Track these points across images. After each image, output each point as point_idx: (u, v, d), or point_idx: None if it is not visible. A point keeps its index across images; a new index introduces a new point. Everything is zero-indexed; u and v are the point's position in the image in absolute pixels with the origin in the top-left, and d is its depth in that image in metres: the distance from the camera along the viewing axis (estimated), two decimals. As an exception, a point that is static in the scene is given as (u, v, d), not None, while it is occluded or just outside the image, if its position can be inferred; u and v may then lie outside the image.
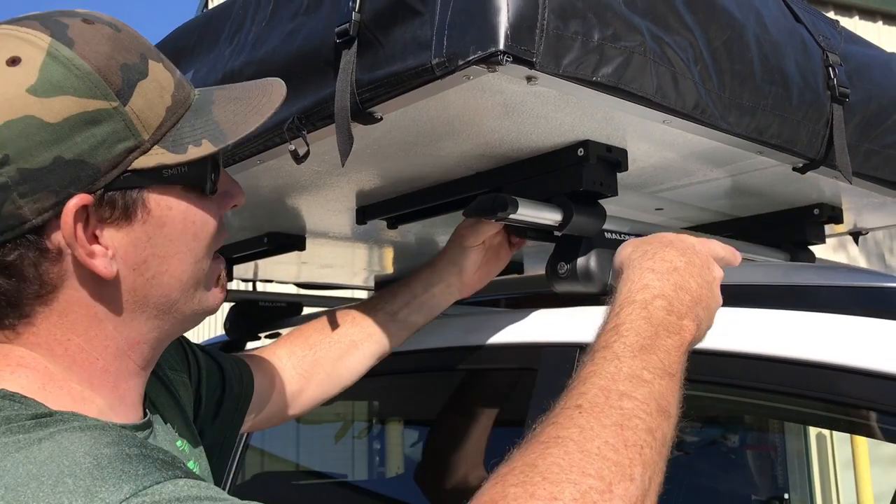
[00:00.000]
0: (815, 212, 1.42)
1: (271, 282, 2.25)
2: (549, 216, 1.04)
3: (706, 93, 0.95)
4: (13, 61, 0.63)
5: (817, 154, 1.12)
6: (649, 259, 0.83)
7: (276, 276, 2.16)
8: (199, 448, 0.88)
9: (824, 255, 1.57)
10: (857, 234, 1.73)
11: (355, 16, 0.86)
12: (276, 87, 0.78)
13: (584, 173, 1.02)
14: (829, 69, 1.14)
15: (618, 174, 1.07)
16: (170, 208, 0.71)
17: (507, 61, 0.76)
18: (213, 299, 0.79)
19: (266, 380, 1.13)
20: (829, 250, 4.87)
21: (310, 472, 2.45)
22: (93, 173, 0.65)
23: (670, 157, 1.12)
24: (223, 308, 1.87)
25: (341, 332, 1.19)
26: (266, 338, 1.89)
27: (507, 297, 1.59)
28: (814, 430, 3.25)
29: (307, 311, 1.90)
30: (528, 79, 0.81)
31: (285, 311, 1.92)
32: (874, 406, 0.81)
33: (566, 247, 1.09)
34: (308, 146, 0.93)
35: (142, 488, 0.54)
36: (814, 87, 1.11)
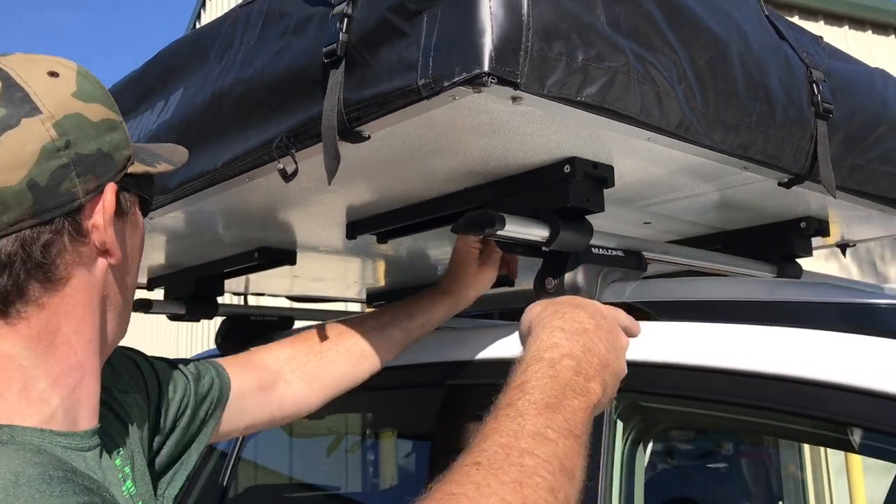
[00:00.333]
0: (802, 225, 1.43)
1: (263, 295, 2.25)
2: (537, 232, 1.04)
3: (690, 111, 0.96)
4: (53, 74, 0.73)
5: (802, 169, 1.13)
6: (559, 318, 0.84)
7: (268, 289, 2.16)
8: (142, 469, 0.86)
9: (816, 264, 1.58)
10: (844, 247, 1.75)
11: (343, 36, 0.87)
12: (181, 149, 0.91)
13: (570, 189, 1.03)
14: (813, 85, 1.15)
15: (605, 190, 1.08)
16: (138, 214, 0.82)
17: (491, 82, 0.76)
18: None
19: (251, 381, 1.12)
20: (822, 259, 4.89)
21: (302, 484, 2.45)
22: (115, 168, 0.76)
23: (657, 173, 1.13)
24: (215, 321, 1.88)
25: (349, 341, 1.22)
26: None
27: (500, 310, 1.59)
28: (807, 437, 3.24)
29: (298, 324, 1.90)
30: (514, 99, 0.81)
31: (277, 324, 1.92)
32: (856, 422, 0.82)
33: (554, 262, 1.09)
34: (296, 164, 0.94)
35: None
36: (798, 104, 1.12)
